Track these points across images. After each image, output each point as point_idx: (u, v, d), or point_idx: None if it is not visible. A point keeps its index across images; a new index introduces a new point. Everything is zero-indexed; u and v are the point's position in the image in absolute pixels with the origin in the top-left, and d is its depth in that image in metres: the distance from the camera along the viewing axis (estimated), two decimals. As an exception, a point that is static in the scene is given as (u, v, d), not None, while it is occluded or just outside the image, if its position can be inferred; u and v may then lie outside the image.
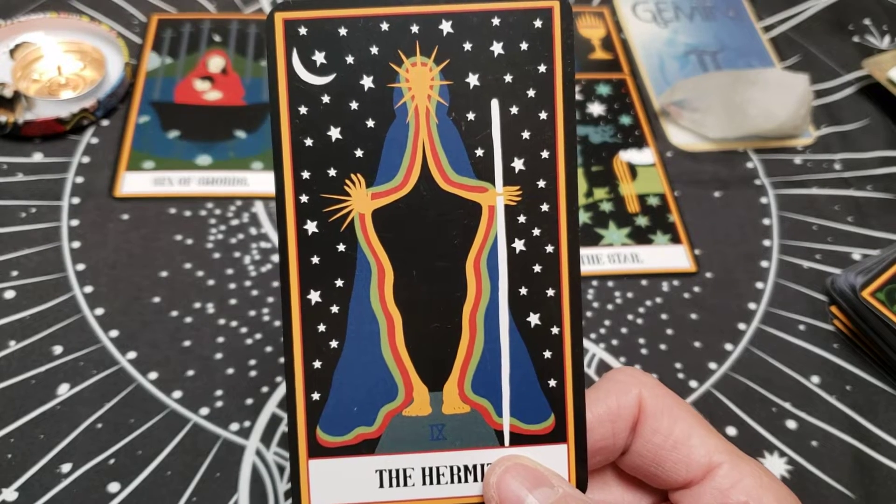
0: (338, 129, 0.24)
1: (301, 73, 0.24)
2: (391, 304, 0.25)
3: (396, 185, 0.25)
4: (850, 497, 0.39)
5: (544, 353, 0.25)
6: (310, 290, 0.25)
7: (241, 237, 0.48)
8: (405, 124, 0.25)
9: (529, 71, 0.25)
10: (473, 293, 0.25)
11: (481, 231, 0.25)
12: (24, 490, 0.37)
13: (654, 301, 0.47)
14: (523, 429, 0.25)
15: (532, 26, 0.24)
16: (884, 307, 0.43)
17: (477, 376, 0.25)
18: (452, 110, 0.25)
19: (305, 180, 0.24)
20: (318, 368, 0.25)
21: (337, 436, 0.25)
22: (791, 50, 0.62)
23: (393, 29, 0.24)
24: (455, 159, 0.25)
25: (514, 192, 0.25)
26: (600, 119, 0.56)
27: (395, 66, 0.24)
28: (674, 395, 0.27)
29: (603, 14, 0.64)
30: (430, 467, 0.25)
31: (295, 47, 0.24)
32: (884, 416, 0.43)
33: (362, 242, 0.25)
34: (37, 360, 0.41)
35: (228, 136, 0.53)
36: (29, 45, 0.55)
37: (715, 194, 0.53)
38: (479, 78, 0.24)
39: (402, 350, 0.25)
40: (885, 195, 0.53)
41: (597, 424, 0.26)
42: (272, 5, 0.61)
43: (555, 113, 0.25)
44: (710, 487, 0.25)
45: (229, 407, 0.41)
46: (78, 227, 0.47)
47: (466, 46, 0.24)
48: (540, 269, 0.25)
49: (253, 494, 0.38)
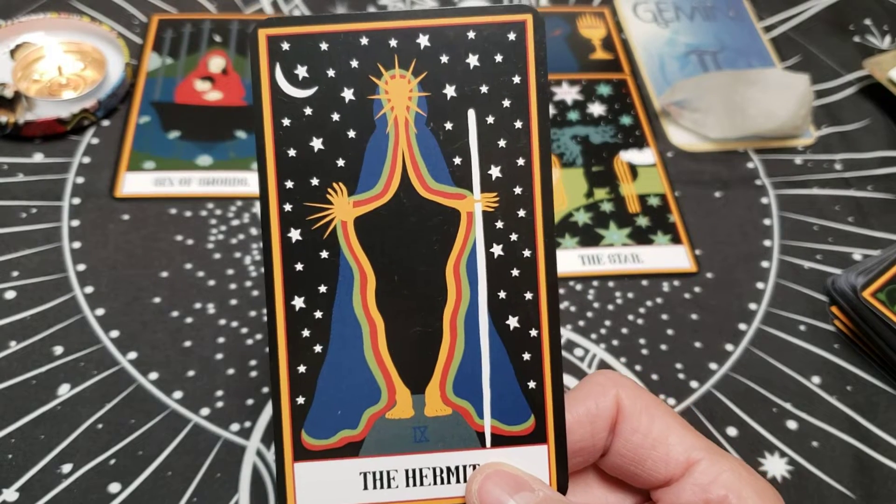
0: (320, 140, 0.25)
1: (284, 87, 0.25)
2: (373, 309, 0.26)
3: (377, 194, 0.25)
4: (850, 497, 0.39)
5: (523, 356, 0.26)
6: (294, 296, 0.25)
7: (242, 237, 0.48)
8: (385, 134, 0.25)
9: (504, 82, 0.25)
10: (453, 297, 0.26)
11: (460, 237, 0.26)
12: (25, 490, 0.37)
13: (654, 301, 0.47)
14: (504, 430, 0.26)
15: (506, 39, 0.25)
16: (884, 307, 0.43)
17: (458, 379, 0.26)
18: (431, 120, 0.25)
19: (289, 189, 0.25)
20: (303, 373, 0.25)
21: (321, 439, 0.26)
22: (791, 50, 0.62)
23: (372, 43, 0.25)
24: (434, 167, 0.26)
25: (491, 199, 0.26)
26: (601, 119, 0.56)
27: (375, 78, 0.25)
28: (651, 396, 0.27)
29: (603, 14, 0.64)
30: (414, 469, 0.26)
31: (278, 62, 0.25)
32: (884, 416, 0.43)
33: (345, 249, 0.25)
34: (37, 361, 0.41)
35: (229, 137, 0.53)
36: (29, 45, 0.55)
37: (715, 194, 0.53)
38: (456, 89, 0.25)
39: (385, 354, 0.26)
40: (886, 195, 0.53)
41: (576, 426, 0.26)
42: (273, 6, 0.61)
43: (529, 122, 0.26)
44: (689, 483, 0.25)
45: (230, 407, 0.41)
46: (78, 227, 0.47)
47: (443, 59, 0.25)
48: (518, 273, 0.26)
49: (253, 495, 0.38)
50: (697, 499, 0.25)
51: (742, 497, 0.25)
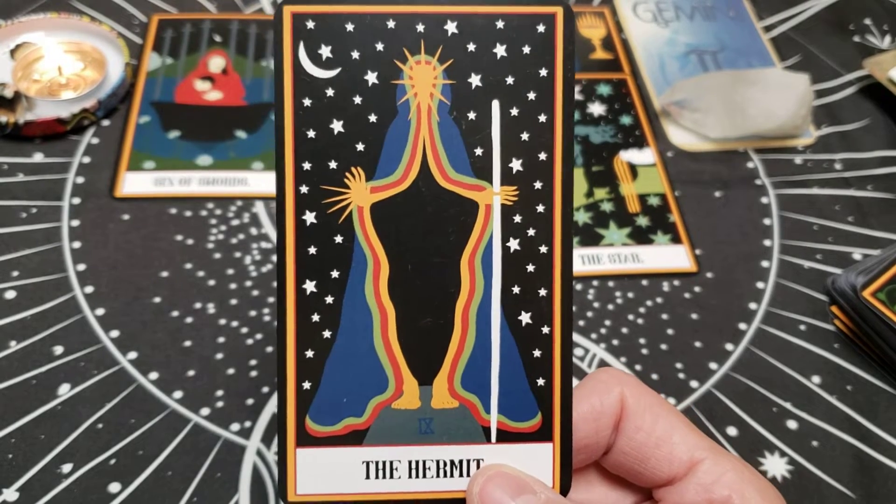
0: (340, 123, 0.25)
1: (307, 66, 0.24)
2: (385, 298, 0.25)
3: (396, 180, 0.25)
4: (850, 497, 0.39)
5: (534, 352, 0.26)
6: (305, 279, 0.25)
7: (242, 237, 0.48)
8: (407, 121, 0.25)
9: (531, 74, 0.25)
10: (467, 290, 0.25)
11: (477, 229, 0.25)
12: (25, 490, 0.37)
13: (654, 301, 0.47)
14: (510, 426, 0.26)
15: (535, 31, 0.25)
16: (884, 307, 0.43)
17: (467, 372, 0.26)
18: (454, 109, 0.25)
19: (306, 171, 0.25)
20: (310, 358, 0.25)
21: (326, 425, 0.25)
22: (791, 50, 0.62)
23: (399, 27, 0.24)
24: (454, 157, 0.25)
25: (510, 192, 0.25)
26: (601, 119, 0.56)
27: (400, 63, 0.25)
28: (655, 394, 0.27)
29: (603, 14, 0.64)
30: (417, 460, 0.26)
31: (302, 40, 0.24)
32: (884, 416, 0.43)
33: (359, 235, 0.25)
34: (37, 361, 0.41)
35: (229, 137, 0.53)
36: (29, 45, 0.55)
37: (715, 194, 0.53)
38: (482, 79, 0.25)
39: (395, 343, 0.25)
40: (886, 195, 0.53)
41: (580, 423, 0.26)
42: (273, 6, 0.61)
43: (554, 116, 0.25)
44: (692, 483, 0.25)
45: (230, 407, 0.41)
46: (78, 227, 0.47)
47: (470, 47, 0.25)
48: (533, 268, 0.25)
49: (253, 495, 0.38)
50: (700, 498, 0.25)
51: (745, 497, 0.25)
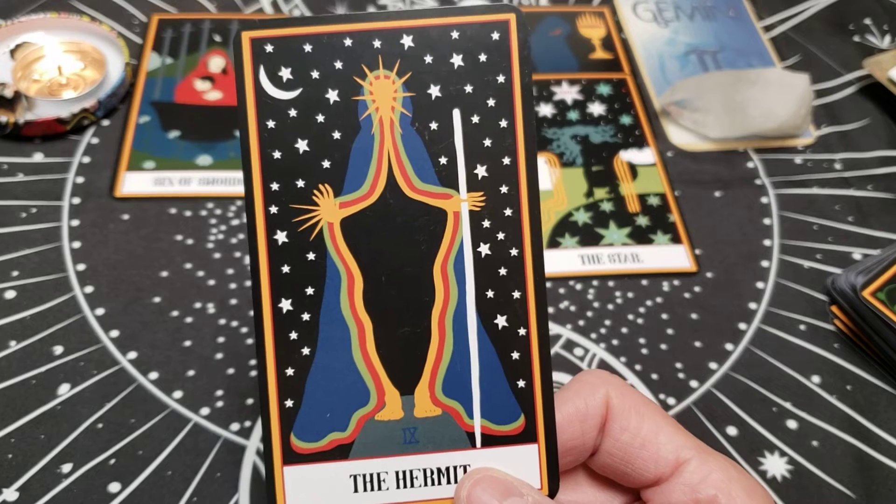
0: (305, 142, 0.25)
1: (268, 89, 0.25)
2: (361, 311, 0.26)
3: (363, 194, 0.25)
4: (850, 497, 0.39)
5: (512, 354, 0.26)
6: (281, 298, 0.25)
7: (242, 237, 0.48)
8: (370, 135, 0.25)
9: (489, 81, 0.25)
10: (441, 297, 0.26)
11: (447, 236, 0.26)
12: (25, 490, 0.37)
13: (654, 301, 0.47)
14: (494, 430, 0.26)
15: (490, 38, 0.25)
16: (884, 307, 0.43)
17: (447, 379, 0.26)
18: (416, 121, 0.25)
19: (275, 192, 0.25)
20: (291, 376, 0.25)
21: (311, 442, 0.25)
22: (791, 50, 0.62)
23: (356, 44, 0.25)
24: (420, 167, 0.25)
25: (477, 198, 0.26)
26: (601, 119, 0.56)
27: (359, 79, 0.25)
28: (641, 395, 0.27)
29: (603, 14, 0.64)
30: (404, 471, 0.26)
31: (262, 64, 0.25)
32: (884, 415, 0.43)
33: (331, 250, 0.25)
34: (37, 361, 0.41)
35: (229, 136, 0.53)
36: (29, 45, 0.55)
37: (715, 194, 0.53)
38: (441, 89, 0.25)
39: (374, 355, 0.26)
40: (886, 195, 0.53)
41: (566, 425, 0.26)
42: (273, 6, 0.61)
43: (514, 121, 0.26)
44: (679, 483, 0.25)
45: (230, 407, 0.41)
46: (78, 227, 0.47)
47: (427, 59, 0.25)
48: (505, 272, 0.26)
49: (253, 495, 0.38)
50: (687, 498, 0.25)
51: (731, 497, 0.25)
